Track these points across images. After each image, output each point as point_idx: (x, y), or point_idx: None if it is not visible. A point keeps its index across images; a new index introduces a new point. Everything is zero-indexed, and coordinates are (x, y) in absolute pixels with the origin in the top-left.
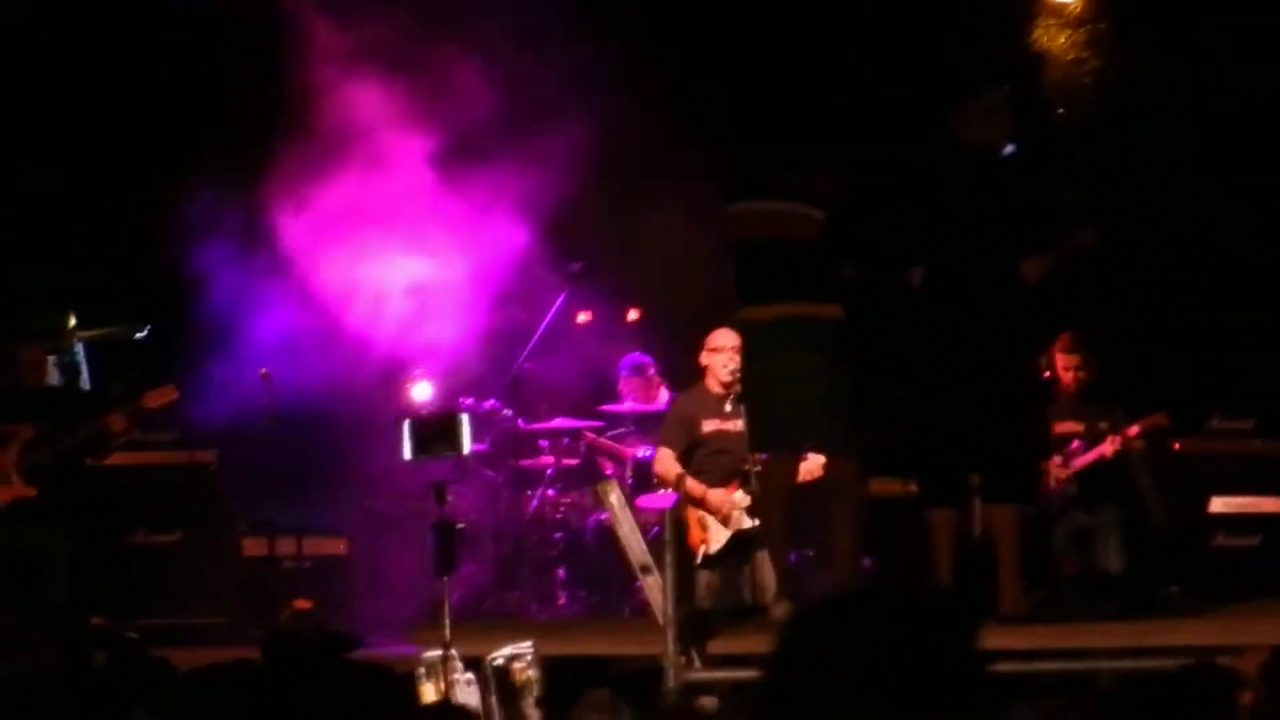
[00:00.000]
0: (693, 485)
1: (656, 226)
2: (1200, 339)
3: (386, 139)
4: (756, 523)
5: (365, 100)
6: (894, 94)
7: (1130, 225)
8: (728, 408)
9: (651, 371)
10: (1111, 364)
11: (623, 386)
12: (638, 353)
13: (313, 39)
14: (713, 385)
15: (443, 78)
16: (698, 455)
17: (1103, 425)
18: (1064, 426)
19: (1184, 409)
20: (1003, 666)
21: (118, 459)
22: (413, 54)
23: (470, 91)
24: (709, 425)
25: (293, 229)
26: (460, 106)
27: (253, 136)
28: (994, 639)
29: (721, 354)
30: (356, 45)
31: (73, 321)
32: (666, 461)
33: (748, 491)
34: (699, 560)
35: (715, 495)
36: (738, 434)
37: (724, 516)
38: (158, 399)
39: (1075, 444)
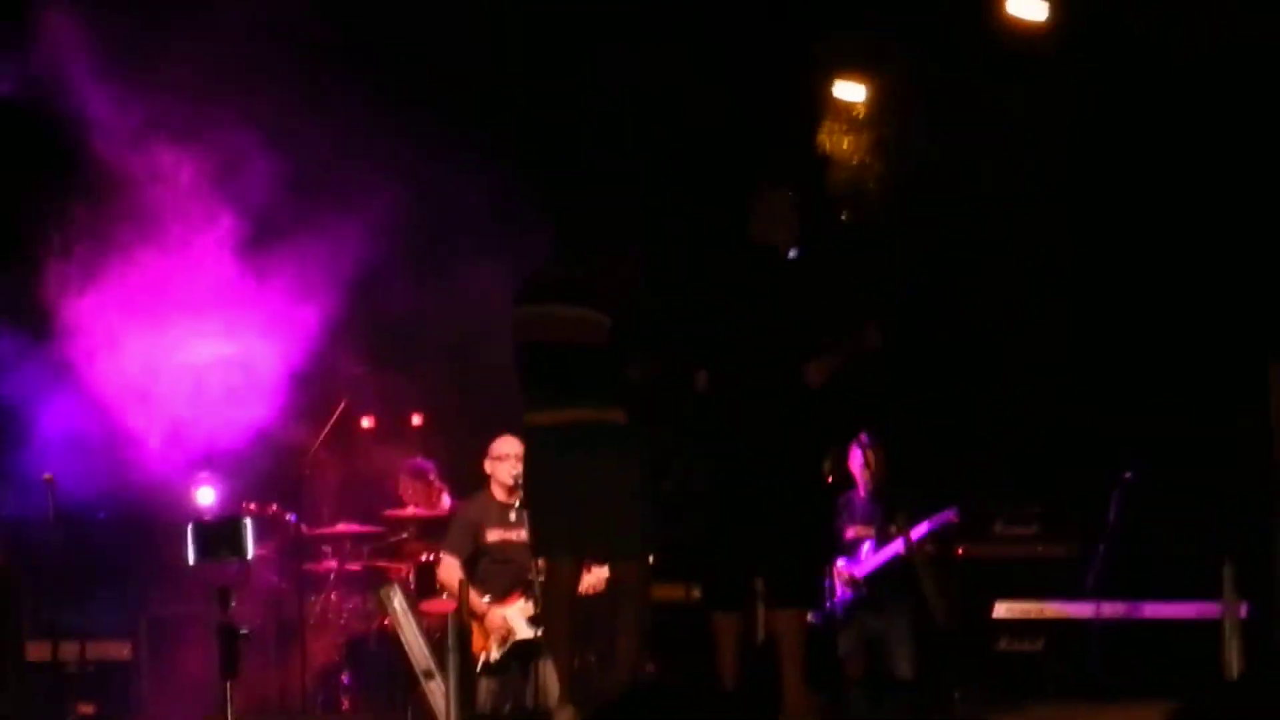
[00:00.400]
0: (474, 600)
1: (445, 323)
2: (986, 439)
3: (172, 218)
4: (539, 631)
5: (150, 178)
6: (685, 190)
7: (916, 322)
8: (512, 516)
9: (432, 476)
10: (900, 465)
11: (403, 491)
12: (419, 458)
13: (94, 117)
14: (497, 493)
15: (229, 149)
16: (481, 563)
17: (893, 528)
18: (855, 531)
19: (969, 513)
20: None
21: None
22: (196, 127)
23: (257, 162)
24: (493, 534)
25: (78, 314)
26: (248, 180)
27: (37, 219)
28: None
29: (505, 462)
30: (139, 121)
31: None
32: (450, 569)
33: (530, 599)
34: (479, 667)
35: (493, 617)
36: (521, 543)
37: (501, 636)
38: None
39: (866, 546)
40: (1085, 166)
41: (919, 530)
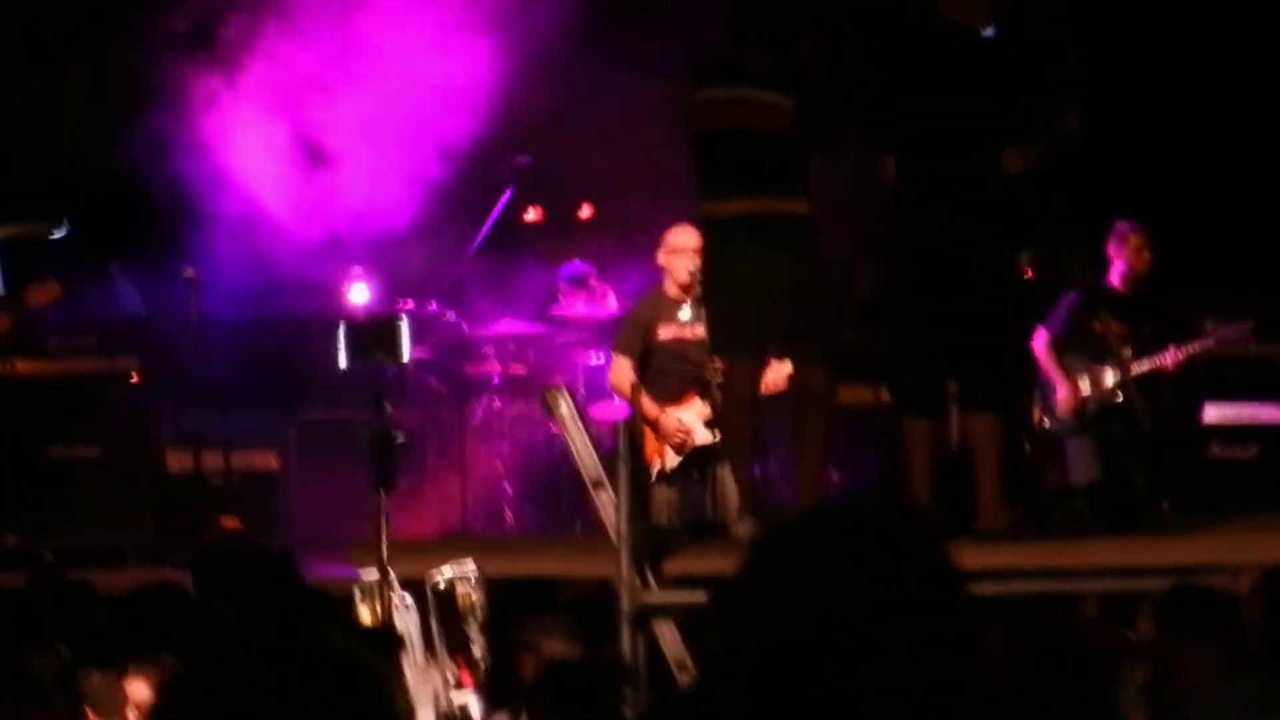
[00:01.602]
0: (647, 405)
1: (609, 116)
2: (1198, 230)
3: None
4: (717, 435)
5: None
6: None
7: (1122, 110)
8: (686, 313)
9: (593, 280)
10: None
11: (563, 299)
12: (577, 261)
13: None
14: (670, 289)
15: None
16: (654, 363)
17: (1146, 330)
18: (1104, 326)
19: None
20: (982, 588)
21: (31, 367)
22: None
23: None
24: (666, 331)
25: (220, 96)
26: None
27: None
28: (972, 557)
29: (681, 255)
30: None
31: None
32: (621, 371)
33: (707, 401)
34: (655, 475)
35: (668, 420)
36: (696, 341)
37: (678, 442)
38: (40, 296)
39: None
40: None
41: (1201, 344)
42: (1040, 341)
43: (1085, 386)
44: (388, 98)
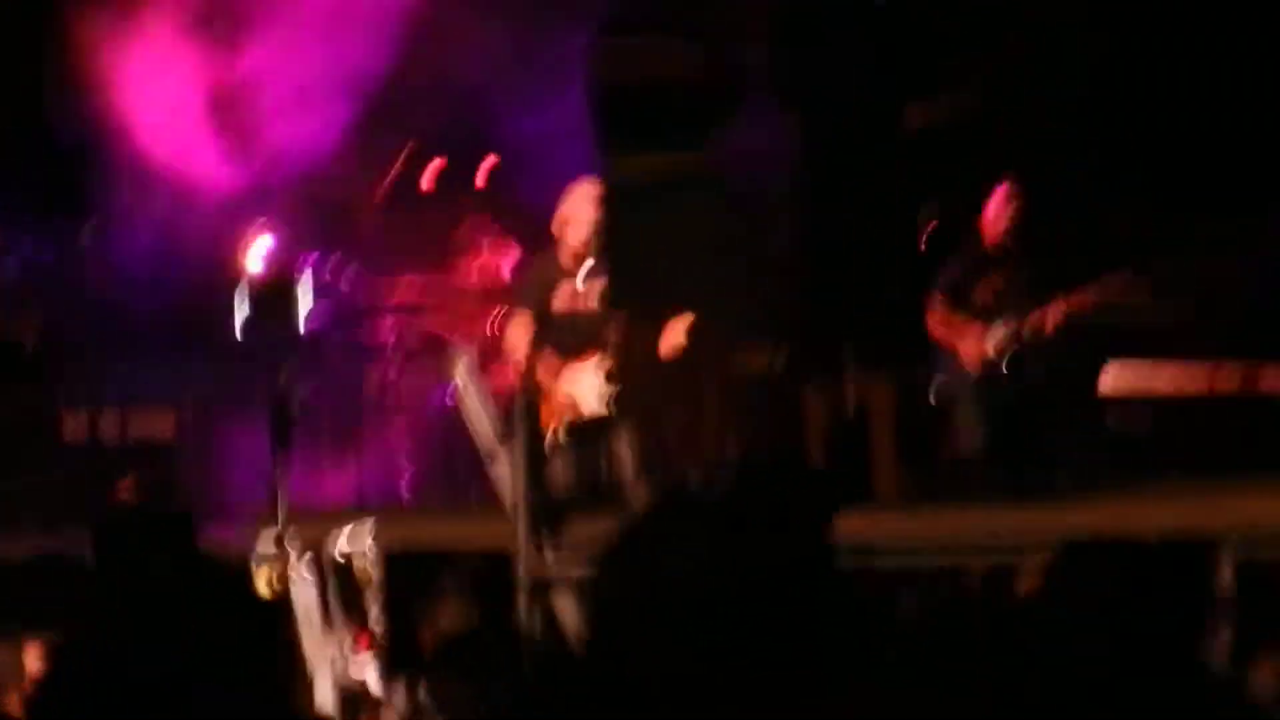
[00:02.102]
0: (542, 368)
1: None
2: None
3: None
4: (612, 400)
5: None
6: None
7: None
8: (581, 277)
9: (490, 239)
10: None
11: (466, 256)
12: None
13: None
14: (564, 255)
15: None
16: (549, 330)
17: (1025, 288)
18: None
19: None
20: (877, 560)
21: None
22: None
23: None
24: (560, 300)
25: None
26: None
27: None
28: (868, 524)
29: (575, 225)
30: None
31: None
32: (518, 330)
33: (603, 365)
34: (550, 442)
35: (562, 388)
36: (591, 309)
37: (569, 405)
38: None
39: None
40: None
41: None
42: (936, 303)
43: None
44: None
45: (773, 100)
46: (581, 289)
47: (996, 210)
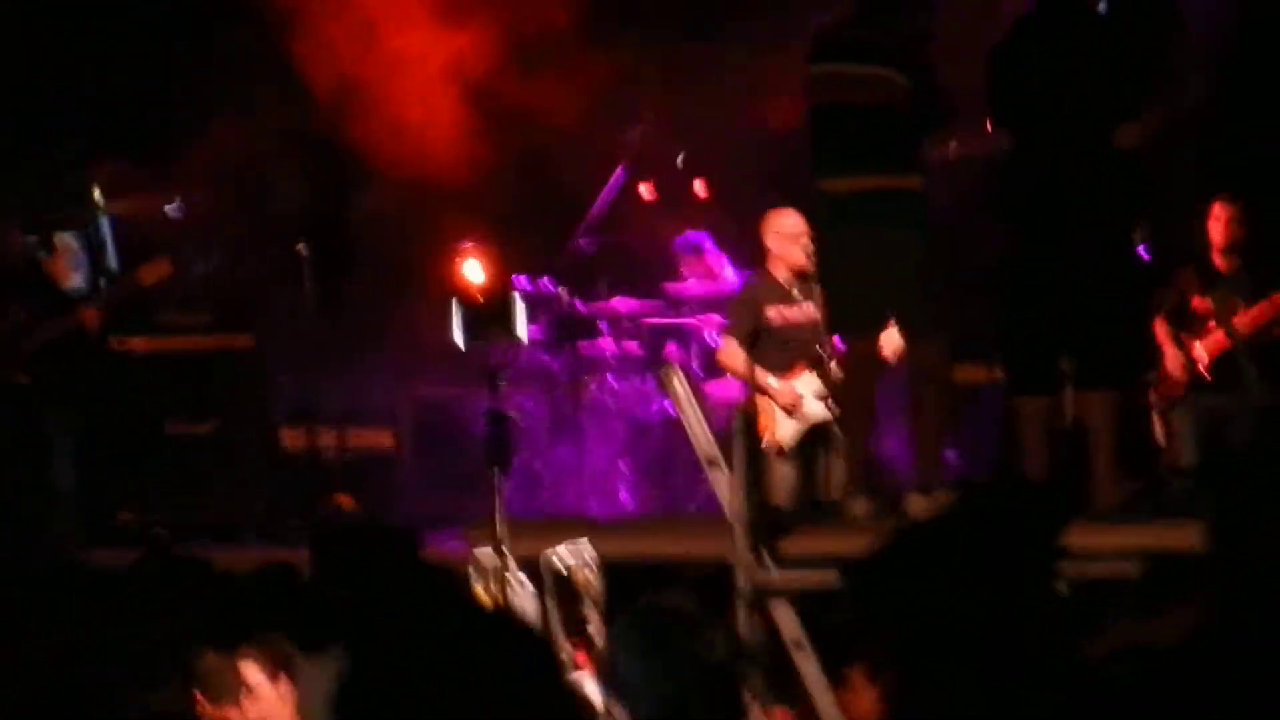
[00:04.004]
0: (760, 375)
1: (724, 90)
2: None
3: None
4: (830, 413)
5: None
6: None
7: (1233, 88)
8: (795, 293)
9: (709, 249)
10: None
11: (683, 268)
12: (693, 230)
13: None
14: (779, 270)
15: None
16: (762, 344)
17: (1241, 303)
18: (1200, 301)
19: None
20: (1096, 569)
21: (146, 344)
22: None
23: None
24: (775, 313)
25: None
26: None
27: None
28: (1086, 537)
29: (792, 240)
30: None
31: (98, 194)
32: (733, 351)
33: (818, 376)
34: (769, 454)
35: (783, 389)
36: (806, 322)
37: (795, 412)
38: (151, 274)
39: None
40: None
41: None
42: (1159, 319)
43: (1185, 361)
44: None
45: (984, 118)
46: (797, 301)
47: (1216, 226)
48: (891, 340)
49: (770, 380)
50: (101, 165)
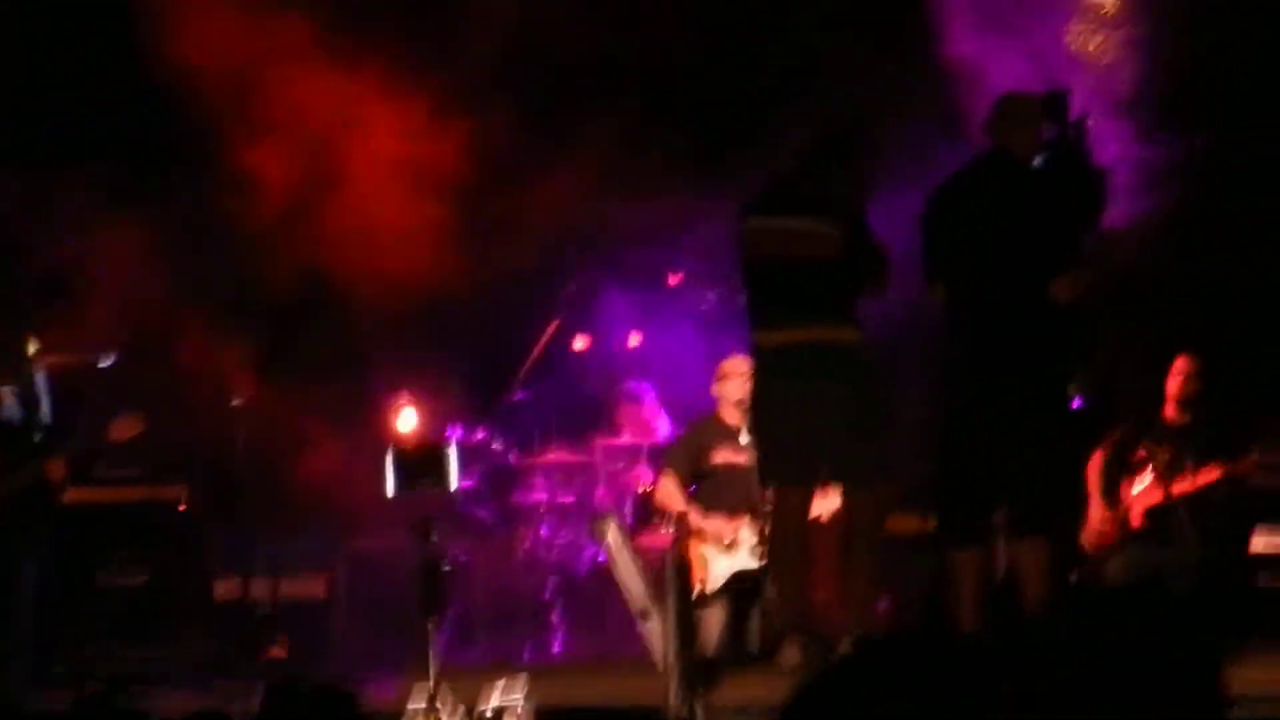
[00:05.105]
0: (693, 516)
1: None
2: (1243, 362)
3: None
4: (761, 562)
5: None
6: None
7: (1172, 239)
8: (741, 439)
9: (647, 400)
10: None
11: (620, 417)
12: (633, 381)
13: None
14: (726, 415)
15: None
16: (704, 487)
17: (1190, 456)
18: (1145, 452)
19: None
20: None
21: (81, 495)
22: None
23: None
24: (719, 456)
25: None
26: None
27: None
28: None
29: (733, 380)
30: None
31: (33, 348)
32: (669, 489)
33: (756, 526)
34: (696, 599)
35: (715, 523)
36: (749, 468)
37: (728, 544)
38: (121, 431)
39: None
40: None
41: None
42: (1093, 467)
43: (1114, 514)
44: None
45: (915, 273)
46: (742, 443)
47: (1174, 380)
48: (827, 502)
49: (701, 518)
50: (39, 314)
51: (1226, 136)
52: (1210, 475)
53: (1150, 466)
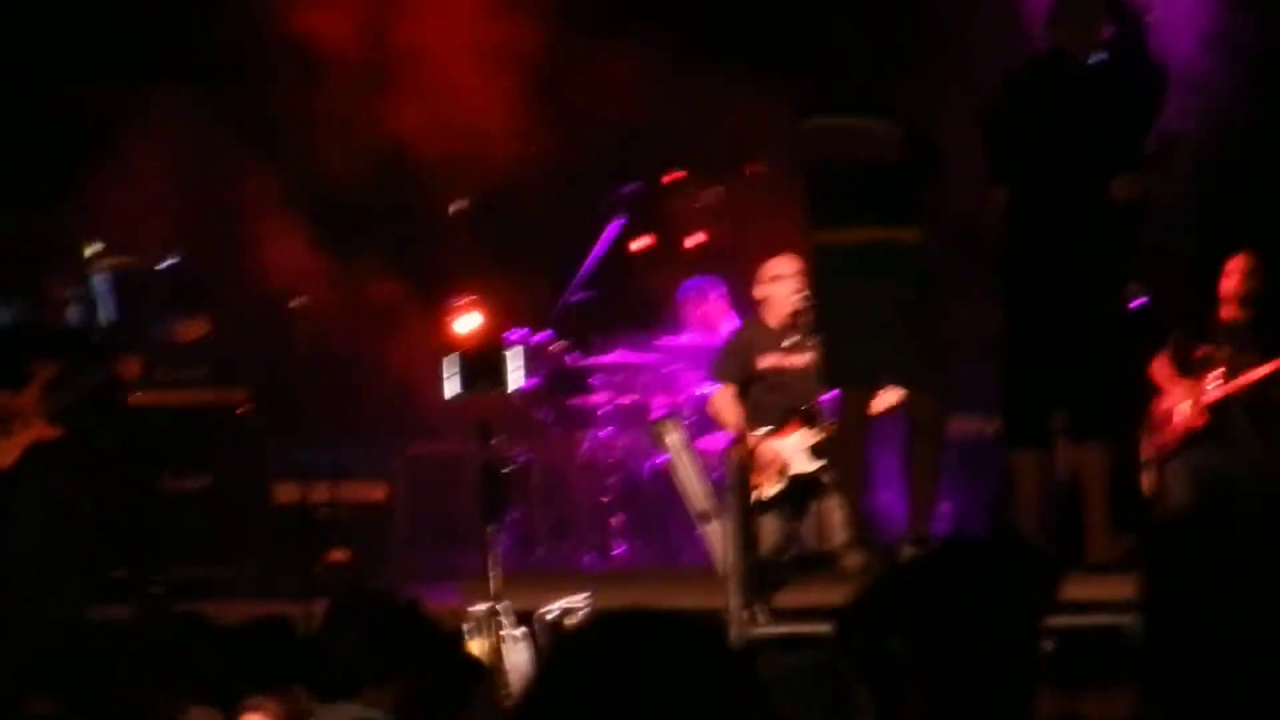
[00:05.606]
0: (750, 438)
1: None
2: None
3: None
4: (817, 465)
5: None
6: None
7: (1233, 141)
8: (787, 342)
9: (713, 295)
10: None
11: (685, 312)
12: (700, 276)
13: None
14: (770, 318)
15: None
16: (753, 392)
17: (1250, 355)
18: (1204, 351)
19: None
20: (1094, 619)
21: (142, 398)
22: None
23: None
24: (766, 360)
25: None
26: None
27: None
28: (1082, 589)
29: (782, 282)
30: None
31: (91, 250)
32: (723, 399)
33: (811, 430)
34: (757, 504)
35: (764, 451)
36: (798, 370)
37: (776, 470)
38: (188, 333)
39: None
40: None
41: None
42: (1160, 369)
43: (1186, 409)
44: None
45: (975, 178)
46: (791, 350)
47: (1230, 279)
48: (887, 397)
49: (754, 440)
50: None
51: None
52: (1272, 367)
53: (1213, 366)
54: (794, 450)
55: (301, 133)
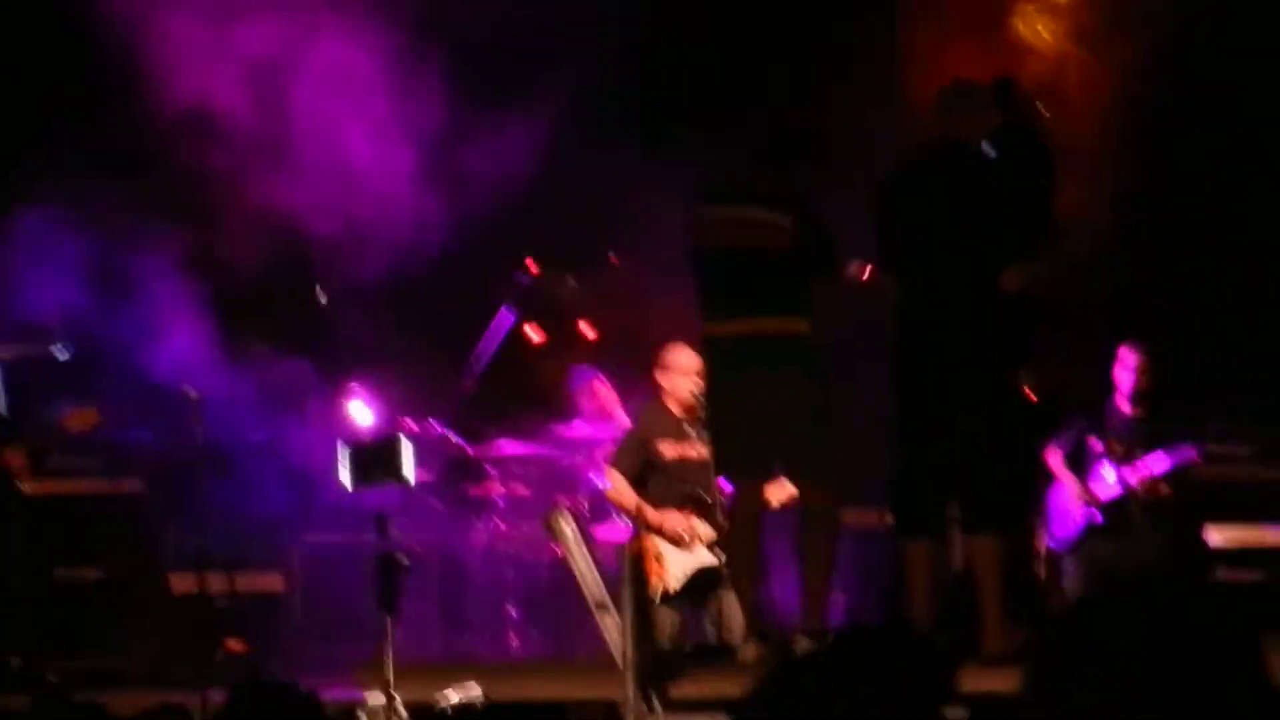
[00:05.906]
0: (649, 512)
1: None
2: (1194, 349)
3: None
4: (718, 558)
5: None
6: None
7: (1123, 227)
8: (687, 431)
9: (600, 386)
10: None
11: (579, 400)
12: (585, 366)
13: None
14: (672, 405)
15: None
16: (652, 481)
17: (1142, 450)
18: (1103, 445)
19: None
20: (986, 713)
21: (36, 488)
22: None
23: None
24: (668, 449)
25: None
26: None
27: None
28: (977, 680)
29: (683, 375)
30: None
31: None
32: (620, 487)
33: (708, 523)
34: (658, 597)
35: (672, 520)
36: (698, 460)
37: (685, 543)
38: (78, 422)
39: (1105, 465)
40: None
41: (1157, 464)
42: (1054, 457)
43: (1082, 490)
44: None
45: (866, 264)
46: (689, 439)
47: (1123, 373)
48: (781, 491)
49: (659, 515)
50: None
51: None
52: (1167, 467)
53: (1105, 459)
54: (694, 542)
55: (196, 214)
